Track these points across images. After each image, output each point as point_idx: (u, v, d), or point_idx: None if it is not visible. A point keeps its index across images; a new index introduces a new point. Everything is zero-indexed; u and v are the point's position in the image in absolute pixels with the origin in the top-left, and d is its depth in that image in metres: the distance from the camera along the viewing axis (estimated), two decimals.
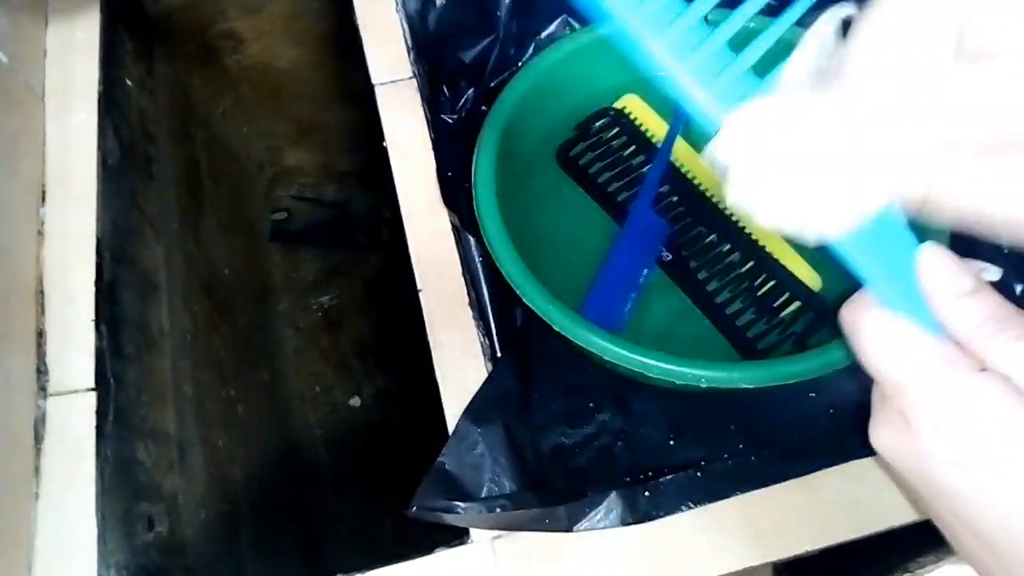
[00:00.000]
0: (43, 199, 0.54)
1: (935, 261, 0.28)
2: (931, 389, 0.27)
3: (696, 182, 0.56)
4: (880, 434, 0.29)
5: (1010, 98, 0.24)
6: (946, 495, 0.27)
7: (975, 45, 0.24)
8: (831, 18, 0.26)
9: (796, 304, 0.51)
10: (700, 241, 0.54)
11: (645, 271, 0.52)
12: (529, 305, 0.45)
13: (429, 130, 0.56)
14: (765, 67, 0.27)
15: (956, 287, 0.27)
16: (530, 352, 0.49)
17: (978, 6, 0.24)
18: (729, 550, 0.43)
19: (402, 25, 0.59)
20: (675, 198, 0.55)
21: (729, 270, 0.53)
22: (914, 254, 0.28)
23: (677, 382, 0.43)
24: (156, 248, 0.65)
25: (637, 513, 0.43)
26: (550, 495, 0.43)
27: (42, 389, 0.49)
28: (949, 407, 0.26)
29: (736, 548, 0.43)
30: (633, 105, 0.58)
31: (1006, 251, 0.47)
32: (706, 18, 0.27)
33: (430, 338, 0.49)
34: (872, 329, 0.28)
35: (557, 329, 0.44)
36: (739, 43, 0.27)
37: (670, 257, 0.53)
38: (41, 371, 0.49)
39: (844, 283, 0.52)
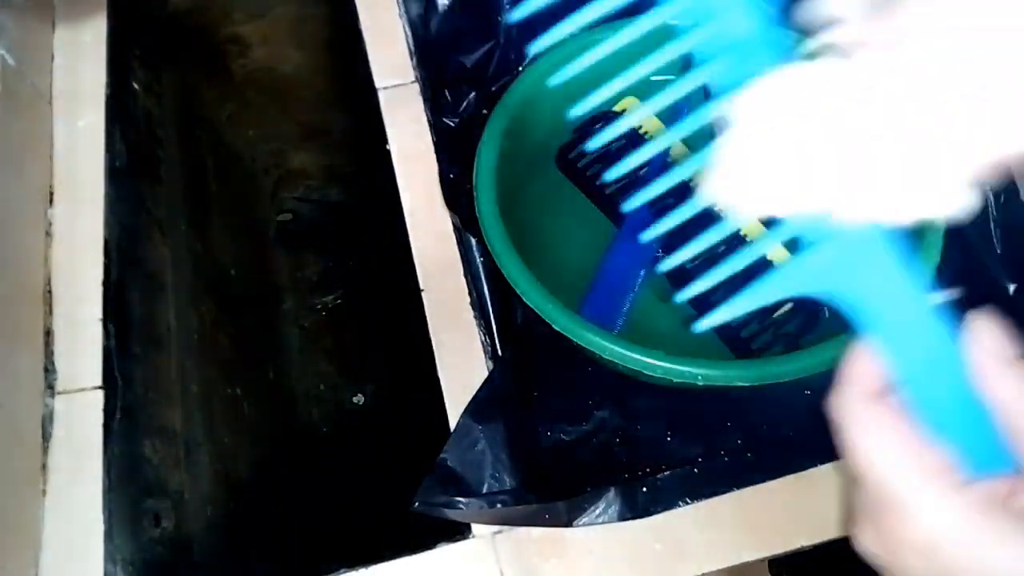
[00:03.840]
0: (51, 201, 0.55)
1: (985, 330, 0.25)
2: (929, 513, 0.24)
3: (692, 184, 0.56)
4: (865, 538, 0.27)
5: None
6: None
7: None
8: None
9: (789, 305, 0.52)
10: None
11: (642, 272, 0.53)
12: (529, 305, 0.45)
13: (431, 133, 0.56)
14: None
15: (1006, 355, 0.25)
16: (530, 351, 0.49)
17: None
18: (725, 545, 0.44)
19: (404, 30, 0.60)
20: (671, 200, 0.56)
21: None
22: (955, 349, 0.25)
23: (675, 380, 0.43)
24: (163, 249, 0.66)
25: (635, 509, 0.43)
26: (550, 491, 0.44)
27: (50, 387, 0.49)
28: (945, 540, 0.24)
29: (732, 543, 0.44)
30: (633, 108, 0.59)
31: (999, 251, 0.48)
32: None
33: (432, 337, 0.50)
34: (874, 427, 0.25)
35: (557, 328, 0.44)
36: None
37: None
38: (49, 370, 0.50)
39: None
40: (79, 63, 0.61)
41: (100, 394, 0.49)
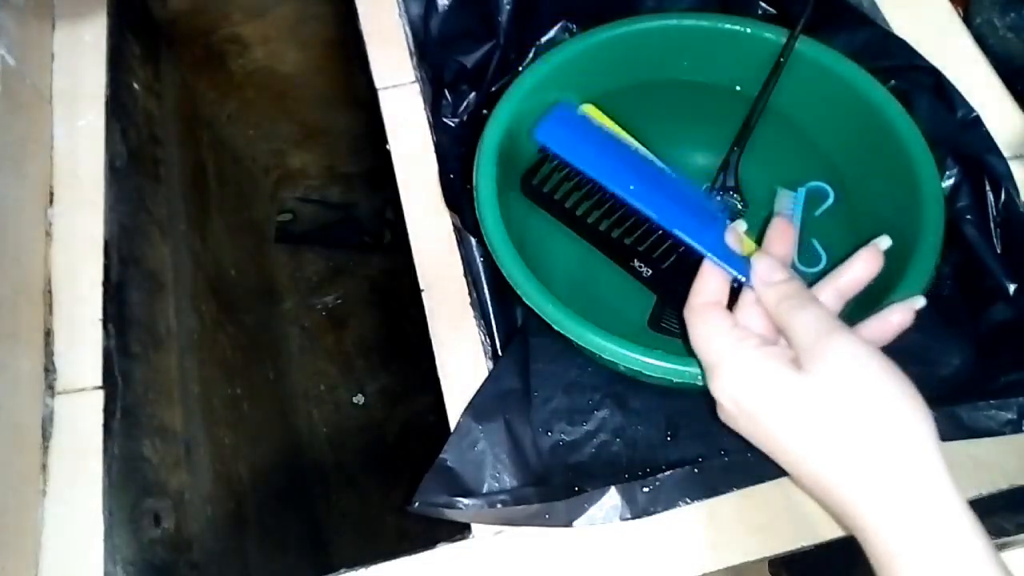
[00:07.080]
0: (51, 201, 0.55)
1: (762, 262, 0.41)
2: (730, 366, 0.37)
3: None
4: (718, 410, 0.40)
5: None
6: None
7: None
8: None
9: None
10: (676, 252, 0.50)
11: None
12: (529, 304, 0.45)
13: (431, 133, 0.56)
14: None
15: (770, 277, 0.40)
16: (530, 351, 0.49)
17: None
18: (725, 545, 0.44)
19: (405, 30, 0.60)
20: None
21: None
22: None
23: (675, 380, 0.43)
24: (163, 249, 0.66)
25: (635, 509, 0.43)
26: (550, 491, 0.44)
27: (50, 387, 0.49)
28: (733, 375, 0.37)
29: (732, 543, 0.44)
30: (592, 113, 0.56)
31: (999, 251, 0.48)
32: None
33: (432, 337, 0.50)
34: (708, 317, 0.40)
35: (557, 328, 0.44)
36: None
37: (650, 272, 0.51)
38: (49, 370, 0.50)
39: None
40: (79, 63, 0.61)
41: (100, 394, 0.49)
